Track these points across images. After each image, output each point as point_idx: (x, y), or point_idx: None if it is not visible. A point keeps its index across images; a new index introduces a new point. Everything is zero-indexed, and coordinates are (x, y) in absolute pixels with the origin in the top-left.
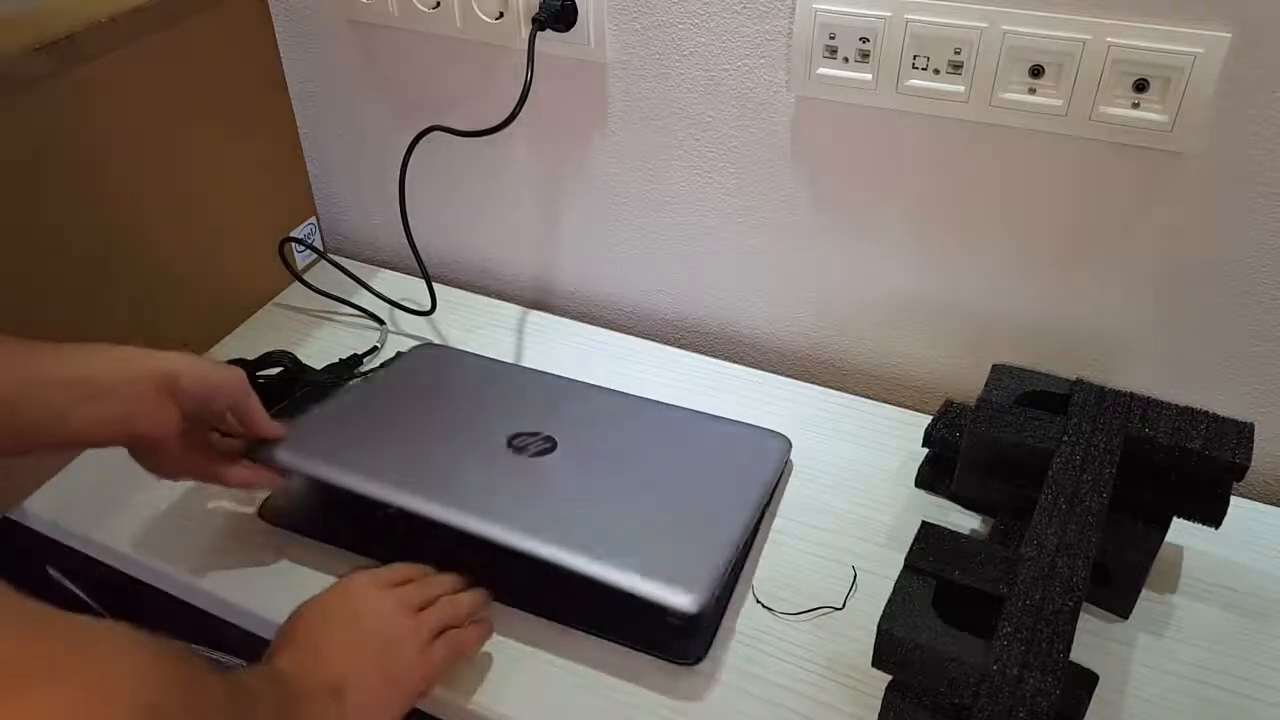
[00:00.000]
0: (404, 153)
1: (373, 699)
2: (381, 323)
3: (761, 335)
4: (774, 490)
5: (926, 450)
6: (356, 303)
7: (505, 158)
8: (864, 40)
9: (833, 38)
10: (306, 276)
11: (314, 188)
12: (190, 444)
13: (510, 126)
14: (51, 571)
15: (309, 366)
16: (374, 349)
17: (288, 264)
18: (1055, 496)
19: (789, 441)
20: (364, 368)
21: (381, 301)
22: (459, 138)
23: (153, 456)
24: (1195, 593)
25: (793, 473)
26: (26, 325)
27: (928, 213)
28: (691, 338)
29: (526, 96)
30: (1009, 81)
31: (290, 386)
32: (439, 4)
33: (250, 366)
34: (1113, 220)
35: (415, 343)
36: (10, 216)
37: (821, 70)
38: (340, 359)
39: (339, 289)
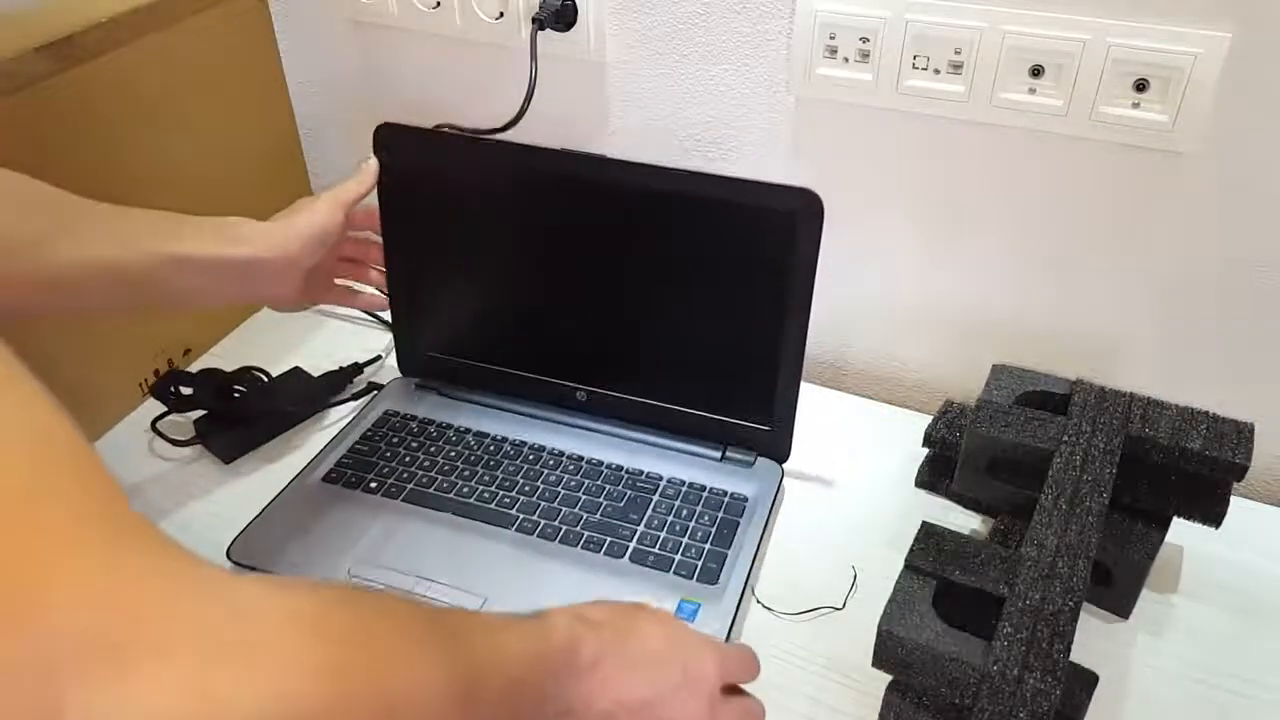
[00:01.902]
0: None
1: None
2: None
3: None
4: (775, 494)
5: (926, 450)
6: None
7: None
8: (864, 40)
9: (833, 38)
10: None
11: (314, 188)
12: (316, 281)
13: (509, 127)
14: None
15: (283, 384)
16: (377, 358)
17: None
18: (1055, 496)
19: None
20: (362, 376)
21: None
22: None
23: (279, 305)
24: (1195, 593)
25: (793, 474)
26: (31, 321)
27: (927, 213)
28: None
29: (532, 95)
30: (1009, 81)
31: (261, 403)
32: (439, 4)
33: (226, 379)
34: (1113, 220)
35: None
36: None
37: (821, 70)
38: (340, 367)
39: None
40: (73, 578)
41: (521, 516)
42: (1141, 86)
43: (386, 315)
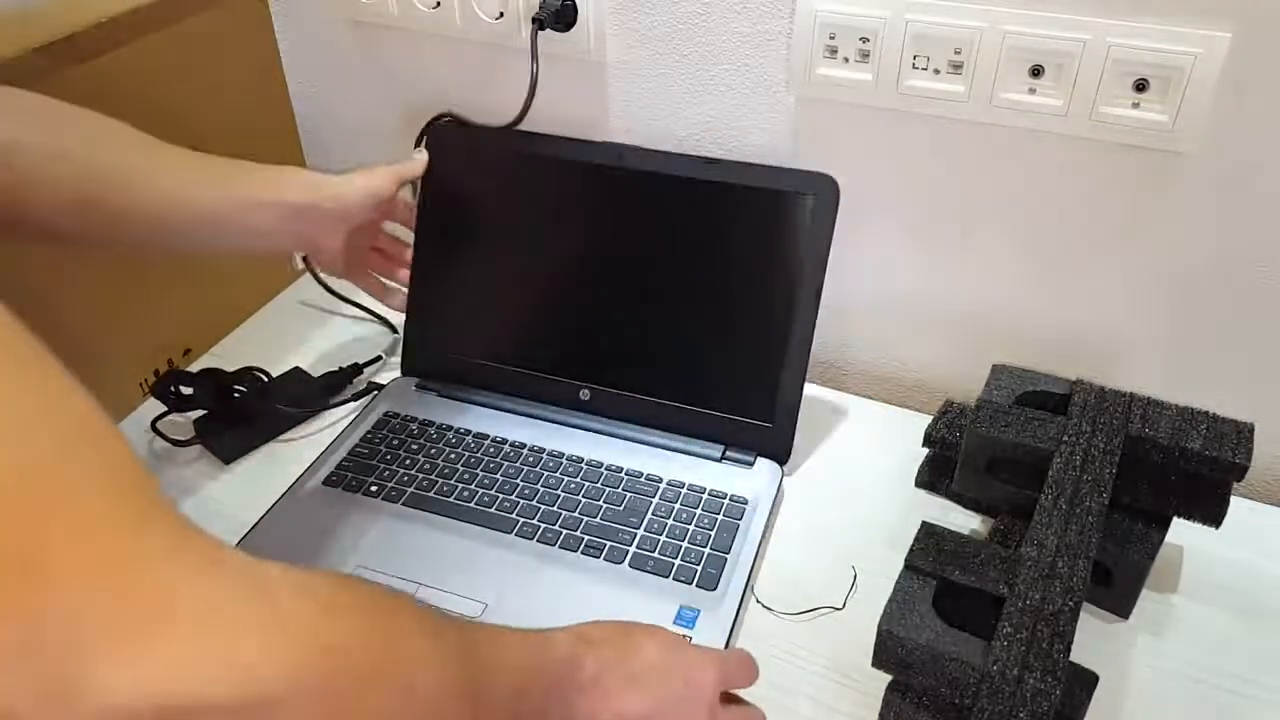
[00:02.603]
0: (412, 148)
1: None
2: (395, 330)
3: None
4: (775, 502)
5: (926, 450)
6: (366, 304)
7: None
8: (864, 40)
9: (833, 38)
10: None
11: None
12: (352, 251)
13: (511, 127)
14: None
15: (283, 384)
16: (378, 358)
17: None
18: (1055, 496)
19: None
20: (362, 376)
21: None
22: None
23: (323, 261)
24: (1195, 593)
25: (793, 473)
26: (30, 321)
27: (928, 213)
28: None
29: (534, 95)
30: (1009, 81)
31: (261, 404)
32: (439, 4)
33: (226, 379)
34: (1113, 220)
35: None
36: None
37: (821, 70)
38: (340, 367)
39: (347, 289)
40: (95, 555)
41: (522, 521)
42: (1141, 86)
43: (388, 315)
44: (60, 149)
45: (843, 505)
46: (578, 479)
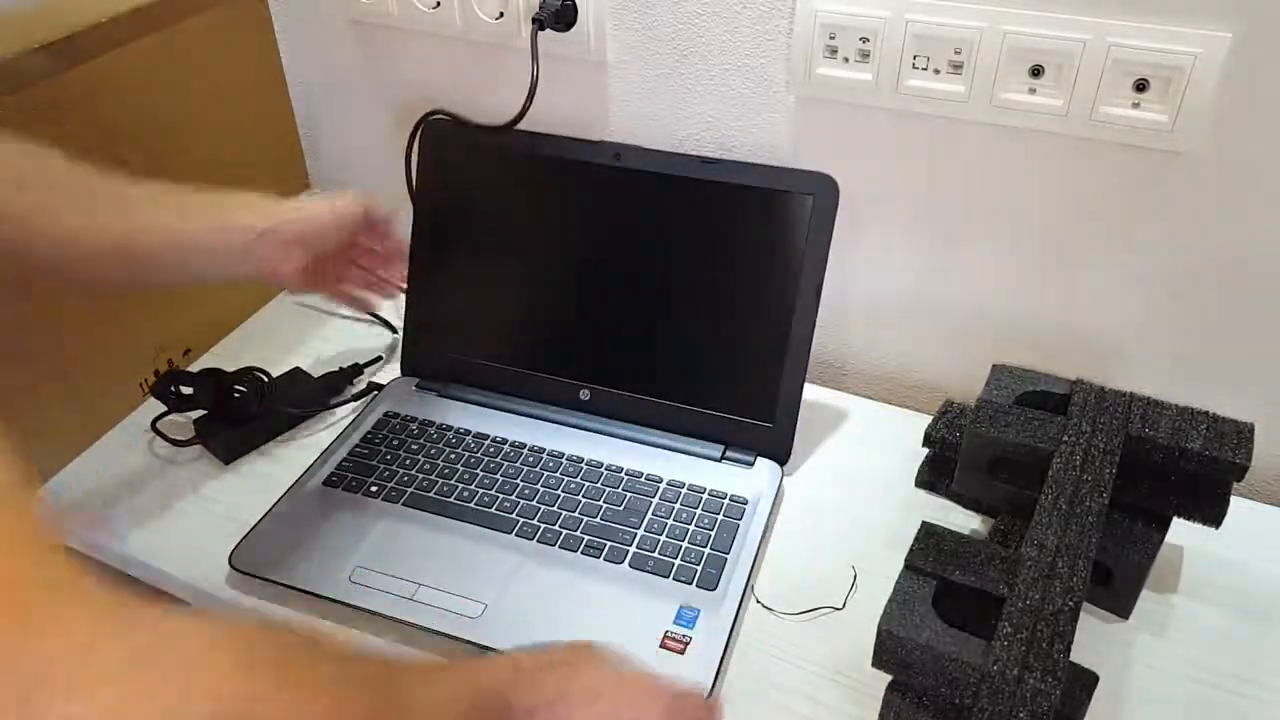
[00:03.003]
0: (404, 150)
1: None
2: (395, 330)
3: None
4: (775, 504)
5: (926, 450)
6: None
7: None
8: (864, 40)
9: (833, 38)
10: None
11: (314, 188)
12: (323, 272)
13: (510, 127)
14: None
15: (283, 384)
16: (378, 359)
17: None
18: (1055, 496)
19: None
20: (362, 377)
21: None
22: None
23: (286, 284)
24: (1195, 593)
25: (793, 473)
26: (31, 321)
27: (928, 212)
28: None
29: (534, 95)
30: (1009, 81)
31: (261, 404)
32: (439, 4)
33: (226, 379)
34: (1113, 220)
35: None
36: None
37: (821, 70)
38: (340, 367)
39: None
40: (8, 619)
41: (522, 521)
42: (1141, 86)
43: (387, 315)
44: (16, 178)
45: (843, 505)
46: (578, 479)
